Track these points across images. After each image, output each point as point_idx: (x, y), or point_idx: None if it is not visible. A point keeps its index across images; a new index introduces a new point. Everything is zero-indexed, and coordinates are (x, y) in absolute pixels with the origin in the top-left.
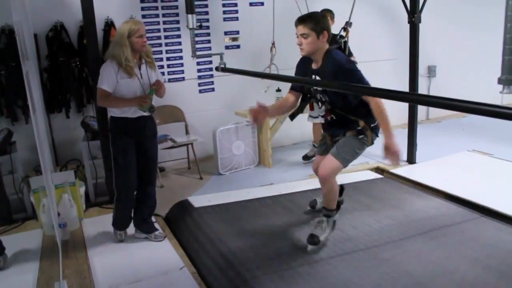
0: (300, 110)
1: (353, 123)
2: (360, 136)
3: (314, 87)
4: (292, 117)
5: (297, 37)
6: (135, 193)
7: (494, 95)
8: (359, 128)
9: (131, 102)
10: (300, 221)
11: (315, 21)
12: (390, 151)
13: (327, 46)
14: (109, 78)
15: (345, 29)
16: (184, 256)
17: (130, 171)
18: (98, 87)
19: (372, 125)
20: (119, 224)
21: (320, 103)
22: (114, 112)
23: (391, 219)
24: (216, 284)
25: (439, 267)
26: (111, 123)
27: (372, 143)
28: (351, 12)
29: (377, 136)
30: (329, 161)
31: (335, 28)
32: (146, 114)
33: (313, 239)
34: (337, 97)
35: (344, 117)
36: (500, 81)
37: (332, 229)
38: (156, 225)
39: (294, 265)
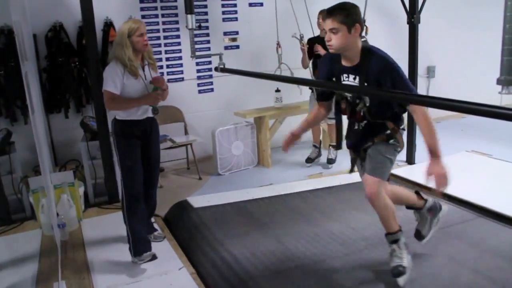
0: (340, 132)
1: (381, 127)
2: (391, 141)
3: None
4: (337, 146)
5: (325, 32)
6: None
7: (493, 95)
8: (388, 132)
9: (142, 101)
10: (299, 221)
11: (346, 13)
12: (437, 173)
13: (360, 41)
14: (115, 80)
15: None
16: (183, 256)
17: (138, 173)
18: (104, 90)
19: (401, 127)
20: (140, 244)
21: (352, 108)
22: (119, 114)
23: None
24: (215, 284)
25: (438, 268)
26: (116, 126)
27: (403, 144)
28: (365, 8)
29: (404, 130)
30: (369, 180)
31: None
32: (150, 115)
33: (398, 270)
34: (378, 101)
35: (373, 123)
36: (499, 81)
37: (407, 248)
38: (155, 226)
39: (293, 265)
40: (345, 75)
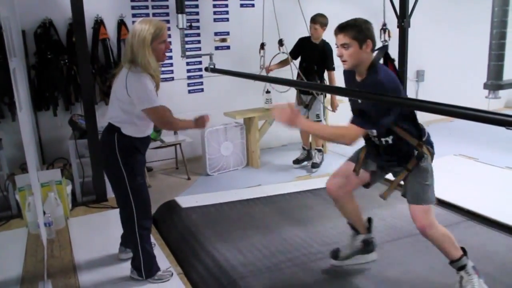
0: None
1: (405, 146)
2: (423, 160)
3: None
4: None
5: (337, 47)
6: None
7: (481, 100)
8: (417, 152)
9: (191, 124)
10: (287, 222)
11: (358, 29)
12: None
13: (372, 56)
14: (154, 93)
15: (385, 30)
16: (170, 256)
17: (147, 188)
18: (153, 106)
19: (423, 139)
20: (154, 264)
21: None
22: (127, 130)
23: (377, 222)
24: (202, 284)
25: (424, 270)
26: (122, 143)
27: (433, 157)
28: (384, 12)
29: (433, 148)
30: (416, 212)
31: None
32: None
33: None
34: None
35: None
36: (485, 86)
37: (476, 272)
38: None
39: (281, 266)
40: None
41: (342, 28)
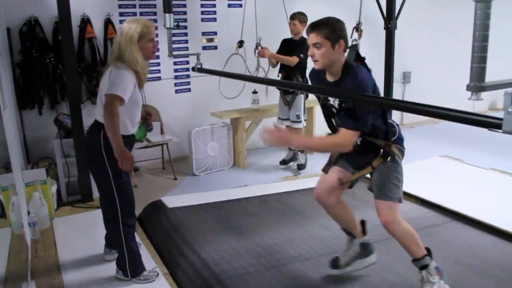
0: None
1: (372, 145)
2: (389, 159)
3: (331, 103)
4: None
5: (309, 46)
6: None
7: (466, 102)
8: (383, 150)
9: (120, 145)
10: (273, 223)
11: (330, 28)
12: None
13: (344, 57)
14: (129, 87)
15: (357, 29)
16: (156, 257)
17: (131, 186)
18: (114, 93)
19: (393, 138)
20: (139, 264)
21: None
22: (121, 129)
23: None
24: (188, 284)
25: (408, 270)
26: (107, 140)
27: (403, 155)
28: (360, 12)
29: (403, 148)
30: (380, 205)
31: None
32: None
33: None
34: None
35: (362, 140)
36: (468, 87)
37: (439, 275)
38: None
39: (267, 266)
40: None
41: (314, 27)
